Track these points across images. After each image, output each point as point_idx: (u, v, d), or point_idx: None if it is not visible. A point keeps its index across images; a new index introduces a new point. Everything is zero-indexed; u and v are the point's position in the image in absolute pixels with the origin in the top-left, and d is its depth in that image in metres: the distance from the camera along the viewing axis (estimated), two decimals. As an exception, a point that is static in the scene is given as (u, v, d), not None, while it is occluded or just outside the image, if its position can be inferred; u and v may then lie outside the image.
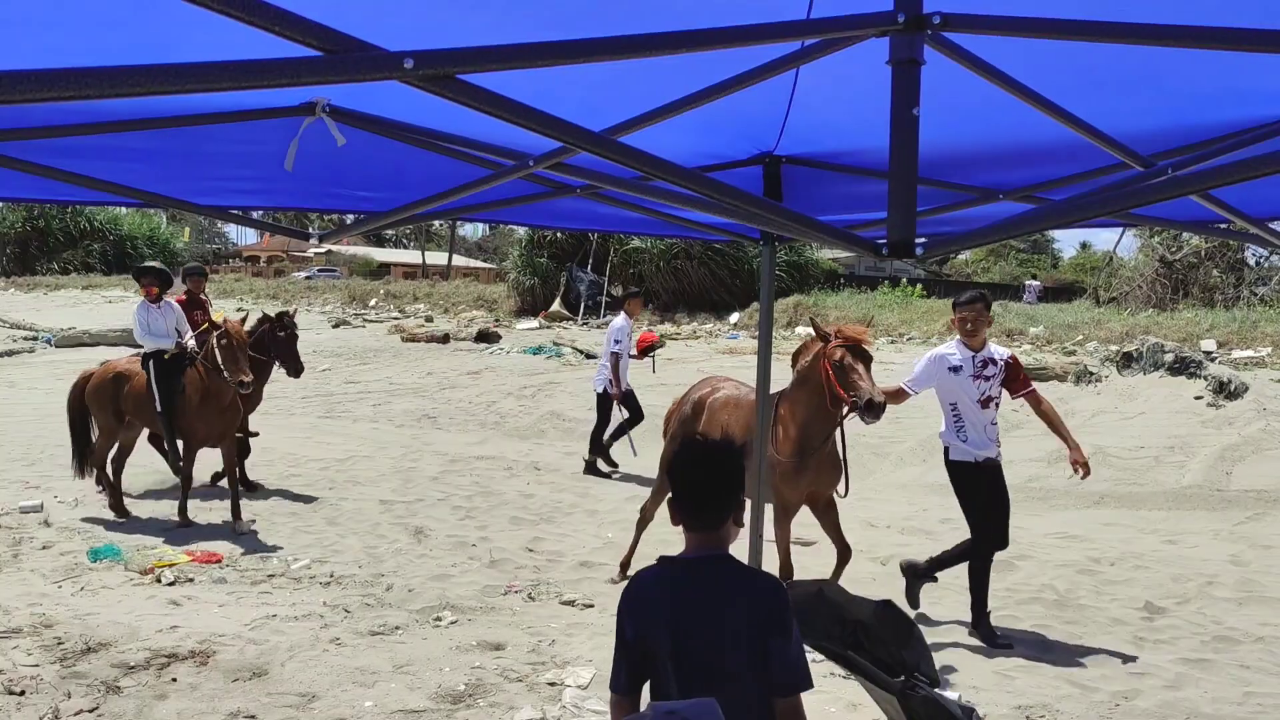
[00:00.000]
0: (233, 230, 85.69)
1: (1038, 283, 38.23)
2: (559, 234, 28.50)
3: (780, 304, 25.52)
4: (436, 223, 51.36)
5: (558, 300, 28.99)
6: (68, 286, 39.26)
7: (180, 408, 8.08)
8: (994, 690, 5.05)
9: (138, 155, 3.01)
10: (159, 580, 6.58)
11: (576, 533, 8.17)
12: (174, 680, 4.98)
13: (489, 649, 5.51)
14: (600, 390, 10.63)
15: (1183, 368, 16.69)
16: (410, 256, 62.72)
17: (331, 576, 6.77)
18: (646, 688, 2.33)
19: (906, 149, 1.69)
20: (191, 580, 6.63)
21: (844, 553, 5.96)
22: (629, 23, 1.86)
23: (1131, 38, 1.82)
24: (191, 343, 8.32)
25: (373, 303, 34.60)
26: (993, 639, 5.75)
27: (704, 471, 2.23)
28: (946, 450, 5.91)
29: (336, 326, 28.01)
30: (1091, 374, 16.01)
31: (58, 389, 16.14)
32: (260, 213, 5.23)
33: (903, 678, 2.83)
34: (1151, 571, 7.25)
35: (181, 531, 7.88)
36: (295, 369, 9.54)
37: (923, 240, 1.76)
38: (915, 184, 1.74)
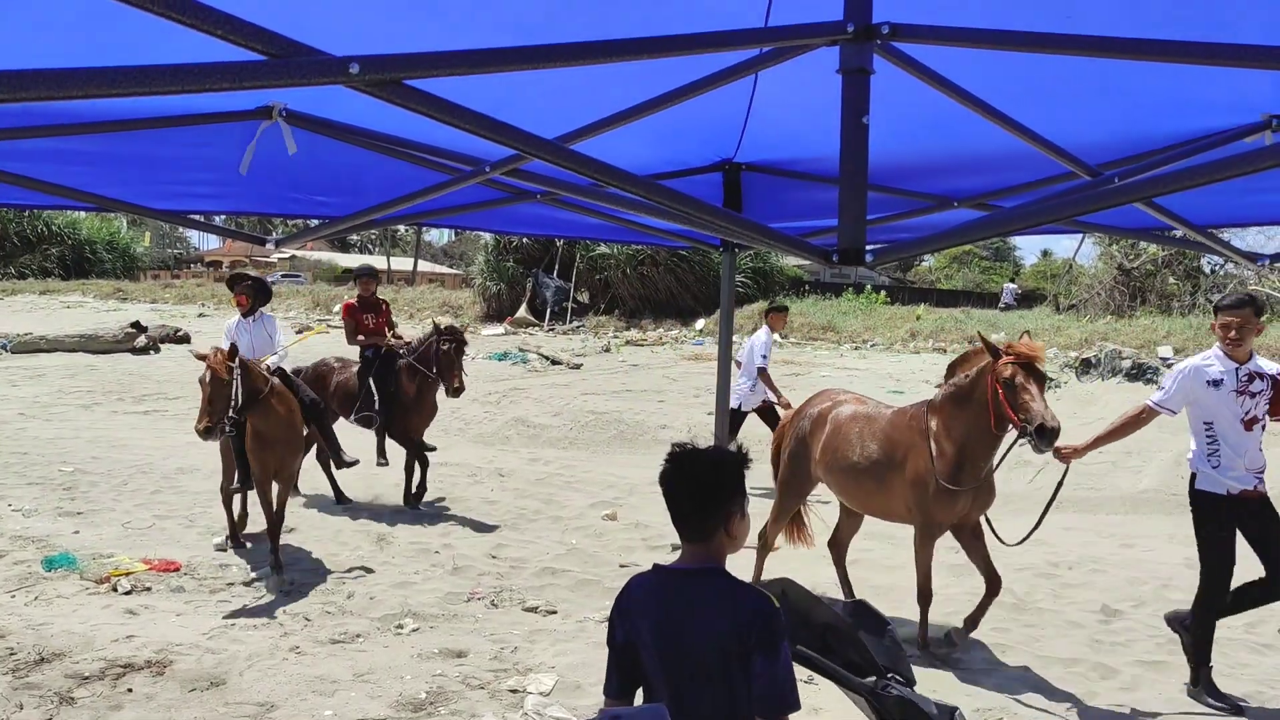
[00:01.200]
0: (195, 235, 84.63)
1: (1014, 285, 39.11)
2: (525, 240, 28.45)
3: (745, 311, 25.63)
4: (402, 228, 51.05)
5: (524, 306, 28.92)
6: (24, 291, 38.61)
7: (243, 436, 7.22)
8: (953, 693, 5.09)
9: (90, 158, 2.98)
10: (115, 589, 6.47)
11: (540, 539, 8.15)
12: (129, 691, 4.91)
13: (451, 656, 5.48)
14: (752, 409, 9.72)
15: (1140, 374, 16.99)
16: (375, 262, 62.27)
17: (292, 584, 6.70)
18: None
19: (856, 157, 1.71)
20: (149, 589, 6.54)
21: (993, 584, 5.45)
22: (588, 30, 1.87)
23: (1080, 49, 1.85)
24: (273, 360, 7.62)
25: (337, 308, 34.30)
26: (1216, 694, 4.99)
27: (681, 482, 2.18)
28: (1193, 477, 5.04)
29: (300, 332, 27.73)
30: (1051, 380, 16.21)
31: (12, 396, 15.88)
32: (223, 218, 5.19)
33: (873, 679, 2.82)
34: (1109, 575, 7.36)
35: (139, 540, 7.76)
36: (452, 387, 8.85)
37: (873, 247, 1.78)
38: (865, 191, 1.76)
